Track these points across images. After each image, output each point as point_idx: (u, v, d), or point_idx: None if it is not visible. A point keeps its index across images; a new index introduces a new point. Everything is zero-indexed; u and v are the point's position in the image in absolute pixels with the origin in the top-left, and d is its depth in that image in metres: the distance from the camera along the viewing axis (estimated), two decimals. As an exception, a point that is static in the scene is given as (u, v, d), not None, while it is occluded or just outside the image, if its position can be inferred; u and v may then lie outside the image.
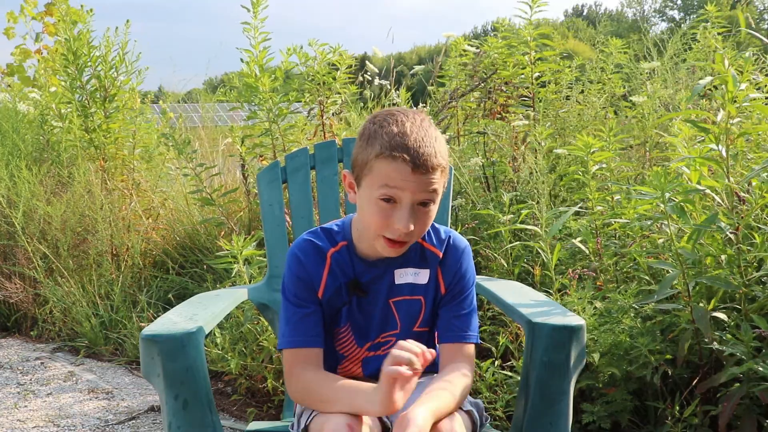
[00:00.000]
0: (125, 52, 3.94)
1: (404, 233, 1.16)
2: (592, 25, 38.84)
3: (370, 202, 1.17)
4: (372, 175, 1.16)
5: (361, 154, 1.19)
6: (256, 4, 2.98)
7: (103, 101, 3.86)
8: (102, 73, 3.84)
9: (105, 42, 3.88)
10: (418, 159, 1.13)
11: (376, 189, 1.16)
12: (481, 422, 1.27)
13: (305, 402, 1.23)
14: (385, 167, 1.14)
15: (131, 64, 3.97)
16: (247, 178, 3.32)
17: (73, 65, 3.79)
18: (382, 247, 1.20)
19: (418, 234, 1.20)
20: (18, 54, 5.91)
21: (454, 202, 2.76)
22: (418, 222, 1.17)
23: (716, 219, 1.70)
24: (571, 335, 1.19)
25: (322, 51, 3.05)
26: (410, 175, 1.13)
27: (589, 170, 2.10)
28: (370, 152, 1.16)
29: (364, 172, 1.18)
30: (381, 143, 1.15)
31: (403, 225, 1.15)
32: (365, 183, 1.19)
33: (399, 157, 1.13)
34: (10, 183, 3.66)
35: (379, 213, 1.16)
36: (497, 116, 3.18)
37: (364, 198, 1.19)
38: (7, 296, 3.48)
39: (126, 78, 3.98)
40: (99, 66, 3.83)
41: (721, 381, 1.63)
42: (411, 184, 1.14)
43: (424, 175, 1.14)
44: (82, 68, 3.80)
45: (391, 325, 1.30)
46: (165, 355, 1.16)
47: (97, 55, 3.83)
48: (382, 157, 1.14)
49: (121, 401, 2.63)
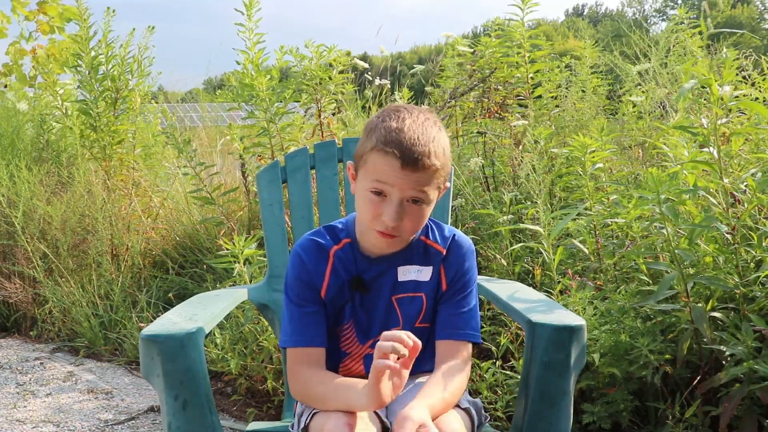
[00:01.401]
0: (144, 57, 3.94)
1: (391, 227, 1.17)
2: (593, 24, 38.89)
3: (362, 194, 1.20)
4: (366, 167, 1.19)
5: (361, 145, 1.22)
6: (249, 6, 2.99)
7: (114, 102, 3.86)
8: (116, 74, 3.83)
9: (126, 44, 3.87)
10: (409, 156, 1.14)
11: (368, 181, 1.18)
12: (480, 421, 1.27)
13: (305, 400, 1.23)
14: (377, 160, 1.16)
15: (144, 68, 3.96)
16: (246, 177, 3.32)
17: (87, 64, 3.78)
18: (375, 239, 1.22)
19: (409, 230, 1.21)
20: (13, 53, 5.90)
21: (454, 202, 2.76)
22: (408, 218, 1.18)
23: (713, 219, 1.70)
24: (571, 335, 1.19)
25: (318, 51, 3.06)
26: (399, 171, 1.14)
27: (587, 170, 2.10)
28: (368, 145, 1.19)
29: (360, 163, 1.21)
30: (377, 137, 1.17)
31: (389, 218, 1.16)
32: (360, 174, 1.21)
33: (390, 152, 1.14)
34: (10, 183, 3.66)
35: (370, 205, 1.18)
36: (495, 116, 3.18)
37: (359, 189, 1.22)
38: (6, 296, 3.48)
39: (139, 81, 3.98)
40: (114, 68, 3.82)
41: (721, 381, 1.63)
42: (399, 180, 1.15)
43: (414, 173, 1.15)
44: (96, 67, 3.79)
45: (394, 322, 1.30)
46: (165, 356, 1.16)
47: (113, 55, 3.81)
48: (375, 150, 1.17)
49: (120, 401, 2.63)
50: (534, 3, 2.99)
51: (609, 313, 1.88)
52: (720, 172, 1.73)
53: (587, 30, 4.13)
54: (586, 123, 3.07)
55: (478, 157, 2.97)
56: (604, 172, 2.24)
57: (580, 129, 2.98)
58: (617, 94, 3.24)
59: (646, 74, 2.98)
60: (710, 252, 1.78)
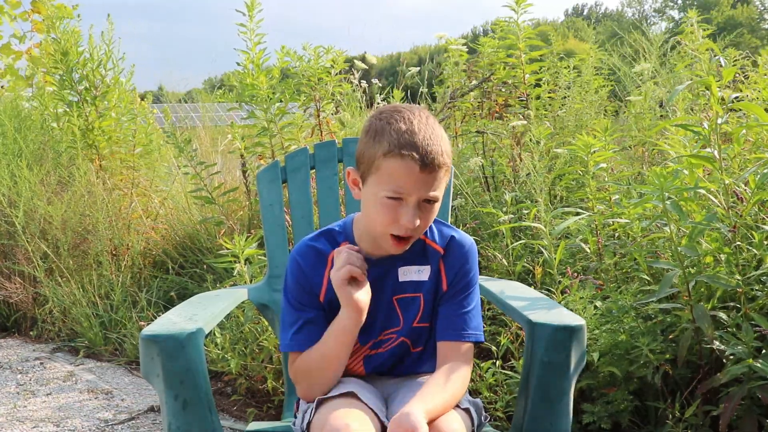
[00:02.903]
0: (111, 48, 3.95)
1: (410, 229, 1.17)
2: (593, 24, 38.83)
3: (376, 200, 1.18)
4: (380, 173, 1.16)
5: (367, 150, 1.19)
6: (250, 6, 2.99)
7: (94, 99, 3.87)
8: (90, 72, 3.85)
9: (90, 41, 3.90)
10: (427, 158, 1.14)
11: (383, 187, 1.16)
12: (480, 421, 1.27)
13: (311, 386, 1.24)
14: (393, 165, 1.15)
15: (117, 62, 3.98)
16: (247, 176, 3.32)
17: (63, 65, 3.80)
18: (388, 244, 1.21)
19: (422, 229, 1.22)
20: (6, 55, 5.90)
21: (454, 202, 2.76)
22: (422, 218, 1.18)
23: (714, 218, 1.70)
24: (571, 335, 1.19)
25: (317, 52, 3.07)
26: (418, 174, 1.14)
27: (589, 170, 2.10)
28: (378, 150, 1.16)
29: (371, 169, 1.18)
30: (389, 141, 1.15)
31: (410, 221, 1.16)
32: (372, 180, 1.19)
33: (408, 156, 1.13)
34: (11, 182, 3.66)
35: (386, 210, 1.17)
36: (496, 116, 3.18)
37: (370, 196, 1.19)
38: (6, 296, 3.48)
39: (114, 76, 3.99)
40: (87, 65, 3.84)
41: (722, 381, 1.63)
42: (418, 183, 1.15)
43: (431, 174, 1.15)
44: (71, 67, 3.81)
45: (394, 322, 1.30)
46: (165, 356, 1.16)
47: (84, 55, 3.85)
48: (390, 155, 1.14)
49: (120, 401, 2.63)
50: (528, 4, 2.98)
51: (609, 312, 1.88)
52: (720, 170, 1.73)
53: (587, 30, 4.13)
54: (585, 123, 3.08)
55: (478, 156, 2.97)
56: (606, 171, 2.24)
57: (580, 129, 2.98)
58: (618, 95, 3.24)
59: (644, 75, 2.98)
60: (711, 251, 1.78)
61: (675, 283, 1.73)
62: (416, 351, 1.33)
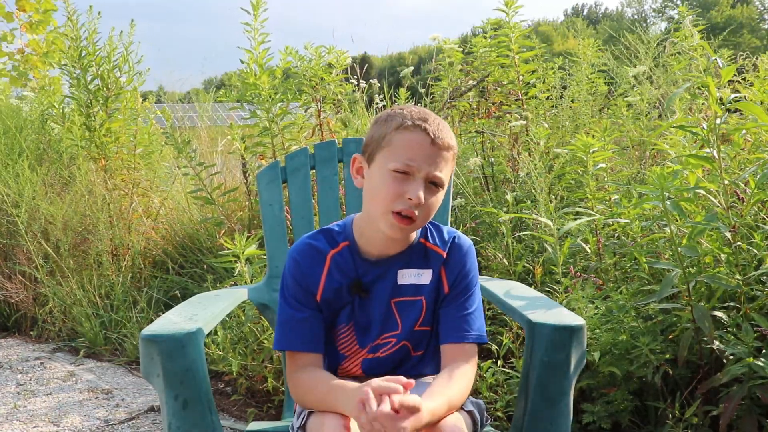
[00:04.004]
0: (129, 53, 3.95)
1: (414, 204, 1.16)
2: (593, 25, 38.89)
3: (383, 175, 1.19)
4: (391, 146, 1.19)
5: (377, 132, 1.22)
6: (256, 6, 2.99)
7: (106, 101, 3.86)
8: (106, 73, 3.84)
9: (109, 42, 3.88)
10: (438, 133, 1.18)
11: (392, 161, 1.18)
12: (482, 422, 1.27)
13: (304, 402, 1.23)
14: (405, 137, 1.18)
15: (133, 66, 3.97)
16: (247, 177, 3.32)
17: (78, 64, 3.78)
18: (389, 224, 1.19)
19: (423, 217, 1.20)
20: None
21: (454, 202, 2.76)
22: (426, 200, 1.18)
23: (714, 218, 1.70)
24: (571, 335, 1.19)
25: (318, 51, 3.07)
26: (429, 147, 1.17)
27: (589, 170, 2.10)
28: (389, 127, 1.20)
29: (381, 145, 1.20)
30: (402, 117, 1.20)
31: (415, 195, 1.16)
32: (381, 156, 1.20)
33: (419, 127, 1.18)
34: (13, 183, 3.67)
35: (392, 184, 1.17)
36: (492, 116, 3.18)
37: (376, 173, 1.20)
38: (7, 296, 3.48)
39: (128, 78, 3.98)
40: (102, 66, 3.83)
41: (722, 381, 1.63)
42: (428, 156, 1.17)
43: (440, 151, 1.18)
44: (86, 67, 3.80)
45: (392, 326, 1.30)
46: (165, 356, 1.16)
47: (101, 56, 3.83)
48: (402, 128, 1.19)
49: (120, 401, 2.63)
50: (518, 6, 2.99)
51: (609, 312, 1.88)
52: (720, 170, 1.73)
53: (586, 30, 4.14)
54: (582, 123, 3.08)
55: (477, 156, 2.97)
56: (606, 171, 2.24)
57: (578, 129, 2.98)
58: (614, 95, 3.25)
59: (641, 76, 2.98)
60: (711, 251, 1.78)
61: (675, 283, 1.73)
62: (417, 354, 1.32)
